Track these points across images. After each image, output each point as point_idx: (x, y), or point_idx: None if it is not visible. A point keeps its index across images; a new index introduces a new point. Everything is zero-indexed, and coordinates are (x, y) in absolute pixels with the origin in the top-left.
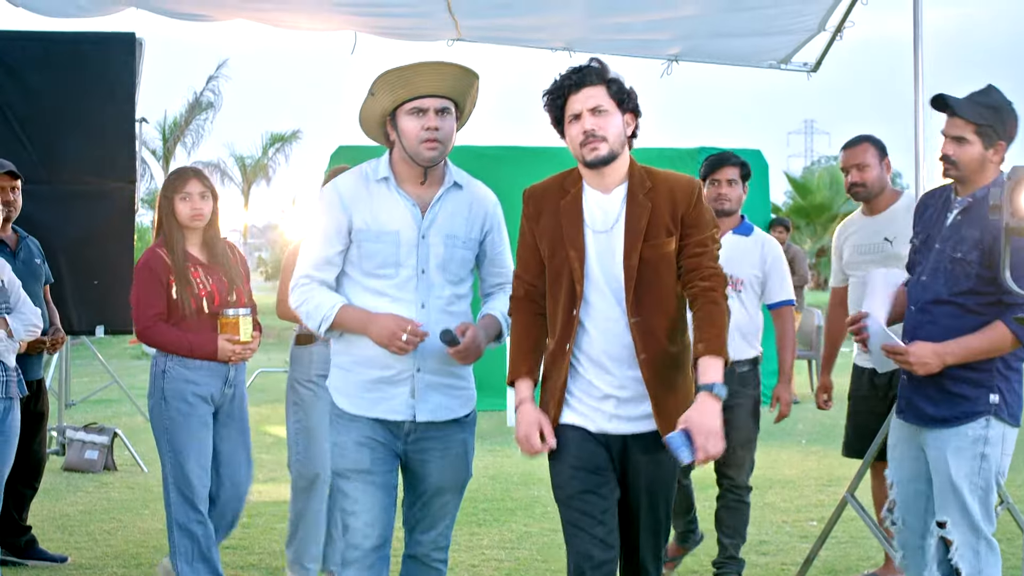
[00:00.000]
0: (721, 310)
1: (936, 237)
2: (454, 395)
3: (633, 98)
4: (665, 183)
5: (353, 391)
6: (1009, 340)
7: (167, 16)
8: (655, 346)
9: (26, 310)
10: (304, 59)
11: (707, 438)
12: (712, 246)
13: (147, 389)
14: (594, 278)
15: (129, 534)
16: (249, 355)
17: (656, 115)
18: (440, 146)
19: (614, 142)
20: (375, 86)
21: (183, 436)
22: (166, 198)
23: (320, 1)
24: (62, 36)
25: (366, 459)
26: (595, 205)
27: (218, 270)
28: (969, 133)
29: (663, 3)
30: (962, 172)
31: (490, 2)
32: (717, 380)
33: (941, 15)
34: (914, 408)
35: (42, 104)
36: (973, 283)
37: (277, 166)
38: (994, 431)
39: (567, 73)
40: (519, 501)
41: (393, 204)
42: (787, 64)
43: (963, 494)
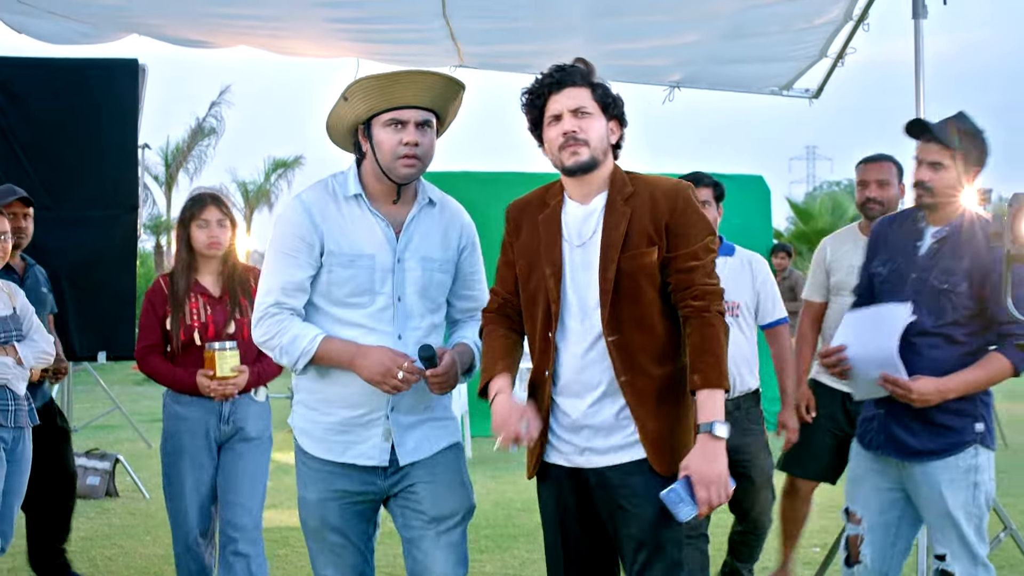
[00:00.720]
0: (717, 333)
1: (910, 267)
2: (435, 427)
3: (619, 105)
4: (647, 187)
5: (320, 433)
6: (1008, 371)
7: (170, 43)
8: (636, 368)
9: (38, 338)
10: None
11: (710, 487)
12: (706, 258)
13: (152, 416)
14: (570, 296)
15: (131, 560)
16: (231, 391)
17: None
18: (419, 163)
19: (596, 147)
20: (349, 91)
21: (177, 473)
22: (182, 225)
23: (322, 28)
24: (65, 62)
25: (334, 516)
26: (574, 218)
27: (226, 301)
28: (946, 158)
29: (665, 29)
30: (937, 199)
31: (492, 29)
32: (718, 417)
33: (942, 40)
34: (895, 442)
35: (45, 130)
36: (960, 314)
37: (280, 192)
38: (982, 458)
39: (549, 72)
40: (521, 527)
41: (366, 225)
42: (789, 90)
43: (961, 525)
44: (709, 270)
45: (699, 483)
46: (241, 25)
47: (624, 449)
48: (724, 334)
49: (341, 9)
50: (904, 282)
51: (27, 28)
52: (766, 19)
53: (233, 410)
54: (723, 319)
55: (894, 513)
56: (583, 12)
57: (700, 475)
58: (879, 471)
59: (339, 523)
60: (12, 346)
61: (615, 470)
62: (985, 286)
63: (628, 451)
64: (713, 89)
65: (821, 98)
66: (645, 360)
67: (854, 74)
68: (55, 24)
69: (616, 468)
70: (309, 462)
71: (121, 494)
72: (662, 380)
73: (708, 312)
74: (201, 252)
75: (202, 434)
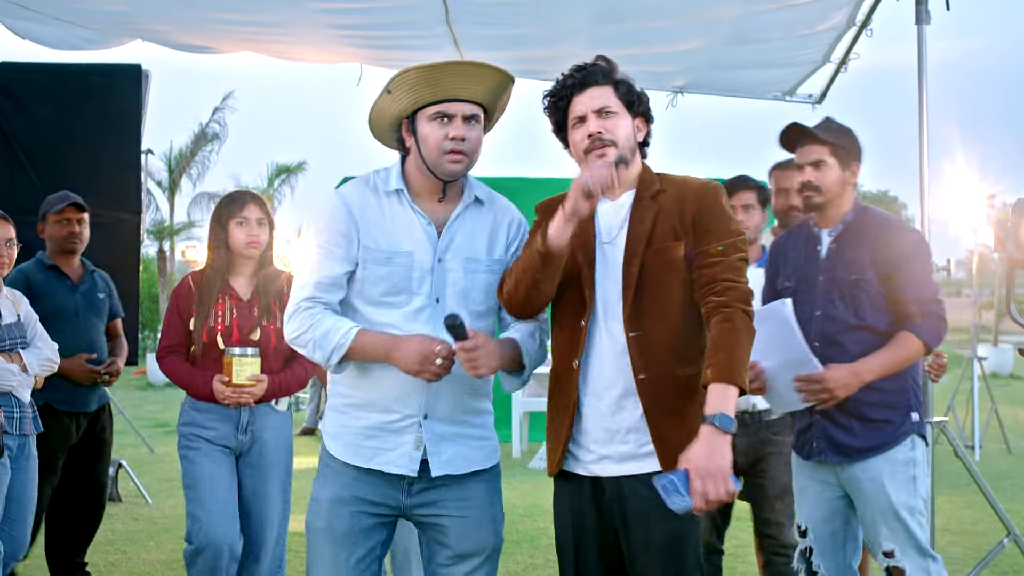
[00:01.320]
0: (735, 329)
1: (816, 271)
2: (473, 445)
3: (644, 101)
4: (676, 185)
5: (350, 437)
6: (920, 348)
7: (173, 48)
8: (657, 366)
9: (42, 345)
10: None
11: (706, 480)
12: (732, 255)
13: (155, 421)
14: (600, 292)
15: (133, 566)
16: (246, 400)
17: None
18: (466, 159)
19: (623, 147)
20: (393, 83)
21: (196, 472)
22: (219, 223)
23: (326, 33)
24: (69, 68)
25: (343, 521)
26: (605, 216)
27: (256, 304)
28: (827, 155)
29: (668, 35)
30: (826, 197)
31: (495, 35)
32: (722, 410)
33: (945, 46)
34: (834, 445)
35: (48, 135)
36: (875, 301)
37: (283, 197)
38: (918, 451)
39: (570, 72)
40: (524, 533)
41: (406, 221)
42: (792, 96)
43: (905, 519)
44: (734, 267)
45: (696, 475)
46: (244, 31)
47: (639, 459)
48: (746, 332)
49: (344, 16)
50: (813, 287)
51: (31, 34)
52: (769, 25)
53: (252, 419)
54: (746, 317)
55: (838, 520)
56: (586, 18)
57: (698, 467)
58: (820, 480)
59: (344, 533)
60: (17, 353)
61: (632, 481)
62: (890, 271)
63: (643, 461)
64: (716, 95)
65: (824, 103)
66: (668, 358)
67: (857, 80)
68: (59, 29)
69: (633, 479)
70: (333, 464)
71: (124, 499)
72: (685, 381)
73: (728, 308)
74: (239, 252)
75: (219, 442)
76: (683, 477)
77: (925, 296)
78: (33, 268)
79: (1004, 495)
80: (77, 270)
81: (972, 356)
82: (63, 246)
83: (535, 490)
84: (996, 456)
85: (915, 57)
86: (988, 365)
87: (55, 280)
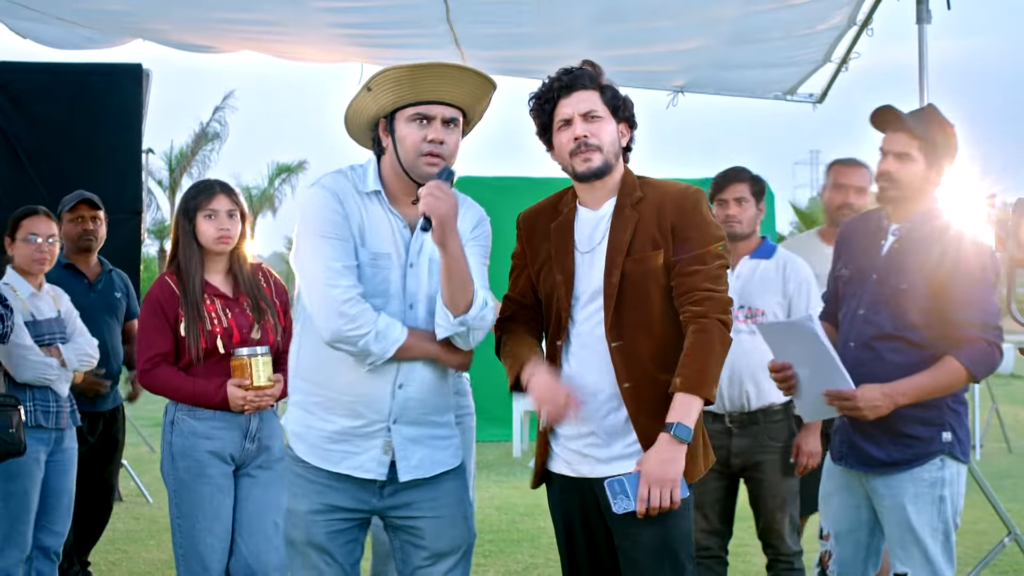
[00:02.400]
0: (709, 339)
1: (871, 268)
2: (440, 446)
3: (628, 107)
4: (656, 192)
5: (316, 439)
6: (963, 376)
7: (174, 48)
8: (641, 375)
9: (81, 340)
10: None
11: (654, 486)
12: (711, 264)
13: (155, 420)
14: (579, 302)
15: (134, 565)
16: (267, 403)
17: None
18: (442, 163)
19: (608, 152)
20: (374, 81)
21: (193, 501)
22: (186, 216)
23: (326, 33)
24: (69, 67)
25: (320, 534)
26: (584, 223)
27: (243, 303)
28: (914, 149)
29: (669, 35)
30: (902, 192)
31: (496, 34)
32: (684, 421)
33: (946, 46)
34: (858, 453)
35: (49, 135)
36: (919, 316)
37: (283, 197)
38: (949, 471)
39: (557, 75)
40: (524, 532)
41: (385, 224)
42: (793, 95)
43: (925, 542)
44: (713, 276)
45: (645, 480)
46: (245, 30)
47: (625, 459)
48: (720, 343)
49: (345, 15)
50: (864, 284)
51: (32, 33)
52: (769, 24)
53: (260, 426)
54: (722, 327)
55: (863, 531)
56: (587, 17)
57: (649, 473)
58: (846, 487)
59: (325, 541)
60: (56, 348)
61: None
62: (944, 282)
63: (629, 461)
64: (717, 94)
65: (825, 103)
66: (651, 366)
67: (858, 79)
68: (60, 29)
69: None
70: (300, 470)
71: (124, 499)
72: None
73: (705, 318)
74: (209, 248)
75: (224, 453)
76: (633, 480)
77: (980, 320)
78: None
79: (1005, 494)
80: (94, 269)
81: None
82: (78, 244)
83: (536, 489)
84: (997, 455)
85: (916, 56)
86: None
87: (70, 279)
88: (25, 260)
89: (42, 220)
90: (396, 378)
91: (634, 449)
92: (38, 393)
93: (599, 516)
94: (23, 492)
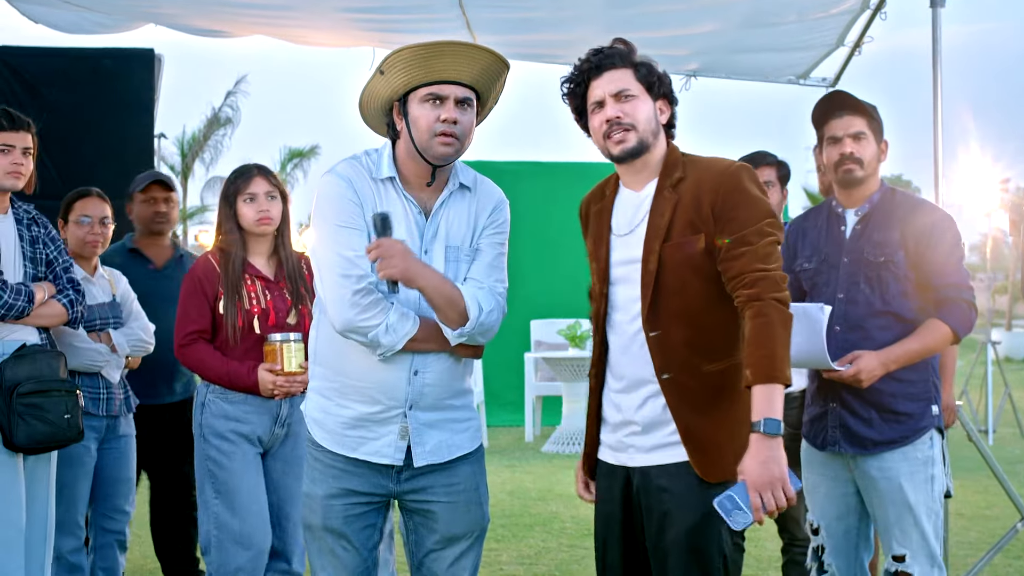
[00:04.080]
0: (770, 323)
1: (839, 253)
2: (457, 429)
3: (666, 83)
4: (697, 171)
5: (333, 425)
6: (949, 337)
7: (186, 32)
8: (681, 365)
9: (136, 325)
10: (322, 75)
11: (764, 491)
12: (758, 242)
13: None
14: (616, 288)
15: (130, 557)
16: (297, 389)
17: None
18: (457, 143)
19: (644, 131)
20: (386, 64)
21: (230, 480)
22: (226, 201)
23: (338, 17)
24: (81, 52)
25: (337, 519)
26: (625, 206)
27: (284, 287)
28: (866, 128)
29: (682, 19)
30: (866, 171)
31: (509, 19)
32: (768, 415)
33: (960, 30)
34: (850, 436)
35: (61, 120)
36: (903, 285)
37: (295, 182)
38: (936, 448)
39: (587, 56)
40: (537, 517)
41: (399, 210)
42: (806, 79)
43: (922, 522)
44: (763, 255)
45: (753, 488)
46: (257, 14)
47: (665, 448)
48: (781, 323)
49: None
50: (836, 268)
51: (44, 18)
52: (783, 8)
53: (290, 411)
54: (779, 306)
55: (852, 517)
56: (599, 1)
57: (753, 480)
58: (832, 475)
59: (342, 526)
60: (107, 333)
61: (659, 471)
62: (921, 252)
63: (669, 451)
64: (730, 78)
65: (838, 87)
66: (693, 356)
67: (871, 63)
68: (72, 14)
69: (659, 469)
70: (319, 455)
71: None
72: (714, 377)
73: (760, 300)
74: (251, 230)
75: (252, 438)
76: (742, 491)
77: (955, 281)
78: (112, 252)
79: (1018, 479)
80: (163, 253)
81: (986, 340)
82: (149, 227)
83: (548, 474)
84: (1010, 440)
85: (929, 40)
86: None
87: (134, 264)
88: (77, 243)
89: (94, 201)
90: (412, 365)
91: (674, 439)
92: (87, 380)
93: (637, 507)
94: (73, 480)
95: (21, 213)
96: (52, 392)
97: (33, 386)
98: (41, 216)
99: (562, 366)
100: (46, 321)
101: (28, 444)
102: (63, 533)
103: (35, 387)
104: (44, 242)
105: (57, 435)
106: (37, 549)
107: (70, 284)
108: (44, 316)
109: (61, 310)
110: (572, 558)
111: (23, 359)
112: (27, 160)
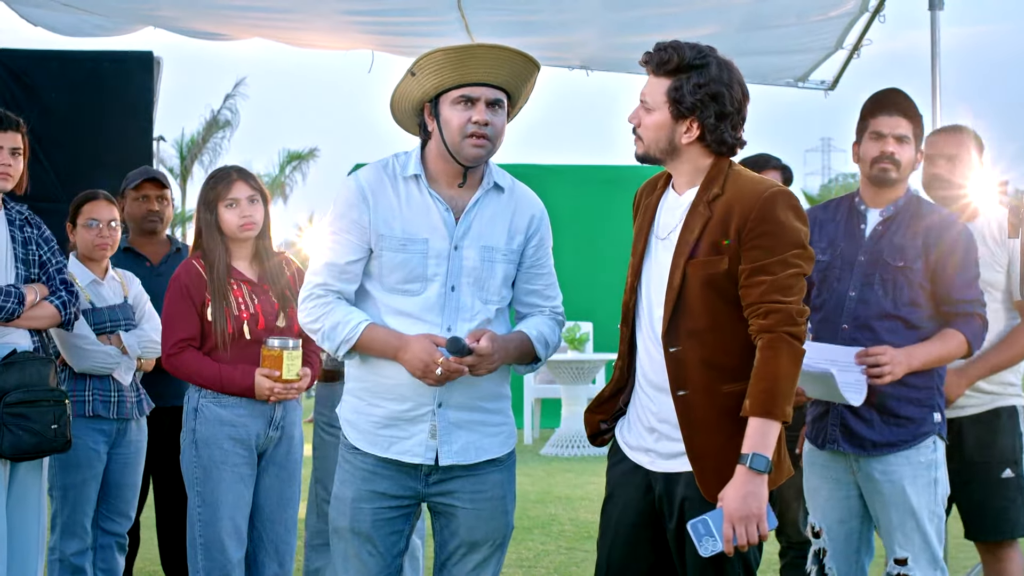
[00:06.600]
0: (776, 356)
1: (856, 249)
2: (488, 432)
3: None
4: (735, 189)
5: (366, 425)
6: (965, 349)
7: (185, 35)
8: (697, 384)
9: (147, 327)
10: (321, 77)
11: (738, 524)
12: (781, 273)
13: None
14: (644, 290)
15: None
16: (293, 395)
17: None
18: (488, 144)
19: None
20: (417, 66)
21: (216, 490)
22: (207, 207)
23: (338, 20)
24: (80, 55)
25: (365, 522)
26: (668, 208)
27: (268, 289)
28: (910, 133)
29: (681, 22)
30: (900, 175)
31: (508, 22)
32: (759, 450)
33: (959, 33)
34: (850, 435)
35: (60, 122)
36: (916, 293)
37: (294, 184)
38: (939, 452)
39: (654, 49)
40: (536, 519)
41: (423, 207)
42: (804, 82)
43: (925, 526)
44: (782, 286)
45: (728, 519)
46: (256, 17)
47: (682, 457)
48: (789, 357)
49: (356, 2)
50: (850, 265)
51: (42, 21)
52: (781, 11)
53: (284, 414)
54: (791, 341)
55: (855, 521)
56: (599, 5)
57: (729, 510)
58: (834, 479)
59: (369, 529)
60: (117, 335)
61: (679, 479)
62: (943, 265)
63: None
64: None
65: (837, 90)
66: (709, 376)
67: (870, 66)
68: (70, 17)
69: (679, 477)
70: (351, 457)
71: None
72: (731, 399)
73: (771, 333)
74: (233, 235)
75: (247, 442)
76: (717, 518)
77: (972, 297)
78: None
79: None
80: (159, 250)
81: None
82: (142, 225)
83: (547, 476)
84: None
85: (928, 43)
86: None
87: (130, 264)
88: (86, 246)
89: (102, 205)
90: None
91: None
92: (97, 383)
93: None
94: (81, 483)
95: (14, 214)
96: (40, 402)
97: (21, 395)
98: (35, 217)
99: (561, 369)
100: (38, 323)
101: (13, 453)
102: (68, 535)
103: (22, 396)
104: (37, 243)
105: (42, 445)
106: (30, 555)
107: (63, 285)
108: (36, 318)
109: (53, 312)
110: (571, 560)
111: (12, 367)
112: (16, 161)
